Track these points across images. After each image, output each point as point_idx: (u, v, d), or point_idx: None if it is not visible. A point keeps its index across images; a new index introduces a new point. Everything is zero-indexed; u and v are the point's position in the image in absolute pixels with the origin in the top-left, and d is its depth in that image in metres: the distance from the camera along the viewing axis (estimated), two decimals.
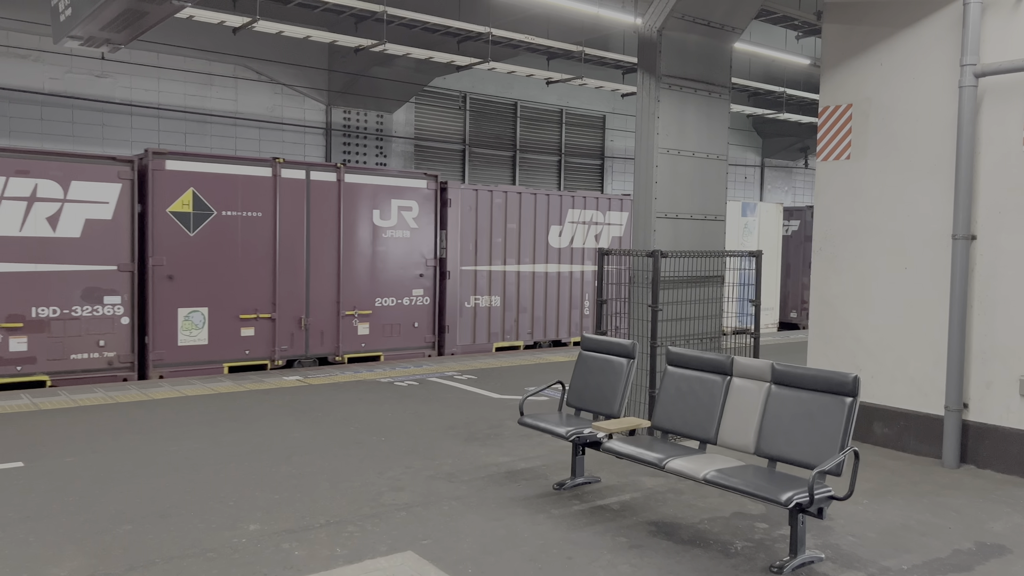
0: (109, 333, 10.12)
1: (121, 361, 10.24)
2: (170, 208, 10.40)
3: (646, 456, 5.10)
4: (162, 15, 5.48)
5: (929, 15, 7.08)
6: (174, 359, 10.56)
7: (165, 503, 5.56)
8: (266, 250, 11.19)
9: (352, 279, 12.04)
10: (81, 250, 9.88)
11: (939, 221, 7.04)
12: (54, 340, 9.76)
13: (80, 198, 9.82)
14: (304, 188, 11.52)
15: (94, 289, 9.98)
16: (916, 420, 7.18)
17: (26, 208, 9.48)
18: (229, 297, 10.92)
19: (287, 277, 11.38)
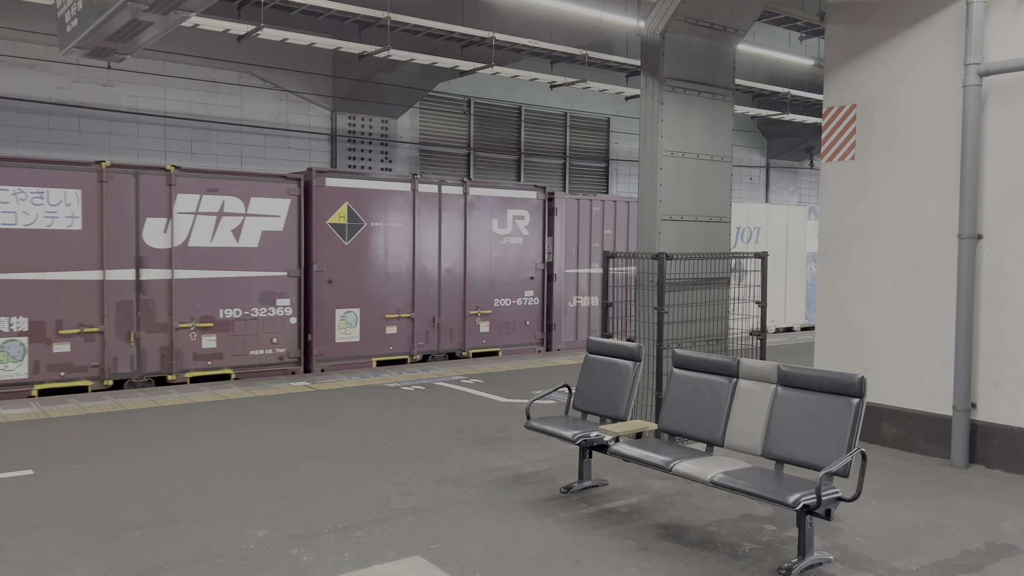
0: (280, 332, 11.37)
1: (290, 356, 11.43)
2: (329, 220, 11.68)
3: (653, 459, 5.10)
4: (167, 25, 5.52)
5: (932, 15, 7.08)
6: (332, 355, 11.78)
7: (174, 509, 5.59)
8: (406, 256, 12.50)
9: (475, 282, 13.35)
10: (258, 258, 11.12)
11: (945, 221, 7.03)
12: (237, 338, 10.97)
13: (258, 212, 11.10)
14: (436, 200, 12.83)
15: (269, 292, 11.21)
16: (924, 420, 7.16)
17: (215, 222, 10.75)
18: (376, 299, 12.21)
19: (423, 280, 12.71)
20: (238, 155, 14.48)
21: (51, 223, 9.62)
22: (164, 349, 10.43)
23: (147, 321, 10.30)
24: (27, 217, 9.47)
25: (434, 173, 16.90)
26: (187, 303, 10.53)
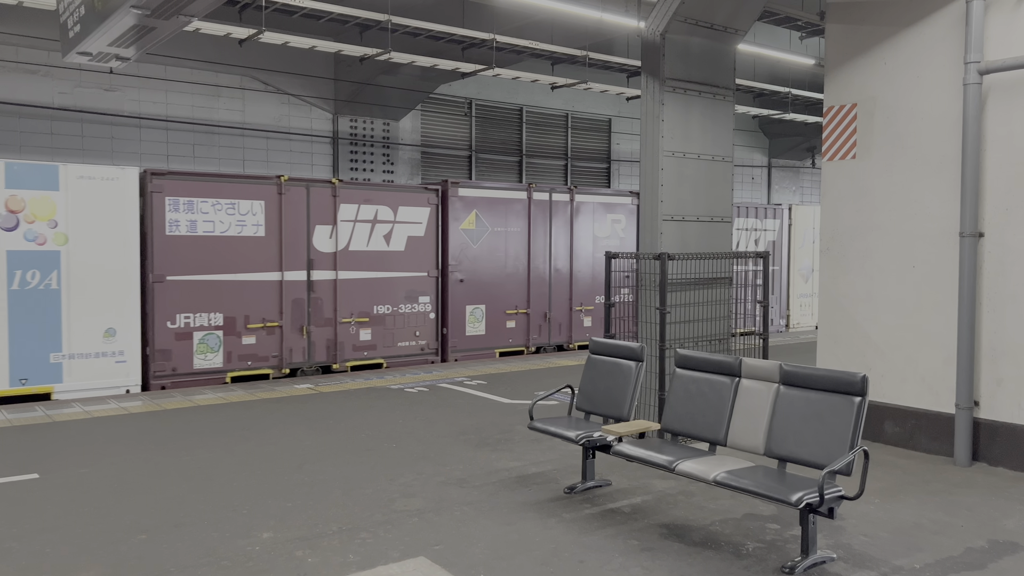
0: (422, 326, 12.77)
1: (429, 348, 12.84)
2: (461, 226, 13.10)
3: (656, 459, 5.11)
4: (169, 30, 5.54)
5: (932, 13, 7.09)
6: (463, 346, 13.18)
7: (179, 512, 5.61)
8: (522, 258, 13.88)
9: (579, 280, 14.59)
10: (404, 260, 12.56)
11: (946, 219, 7.04)
12: (387, 331, 12.38)
13: (404, 219, 12.54)
14: (547, 207, 14.11)
15: (412, 291, 12.62)
16: (927, 419, 7.17)
17: (370, 229, 12.20)
18: (498, 296, 13.57)
19: (536, 279, 14.06)
20: (240, 159, 14.51)
21: (240, 230, 11.04)
22: (329, 341, 11.80)
23: (316, 316, 11.69)
24: (222, 225, 10.87)
25: (437, 175, 16.93)
26: (348, 300, 11.94)
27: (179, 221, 10.51)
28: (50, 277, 9.68)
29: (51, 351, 9.69)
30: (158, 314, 10.36)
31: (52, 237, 9.69)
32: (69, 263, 9.81)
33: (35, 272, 9.60)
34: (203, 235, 10.68)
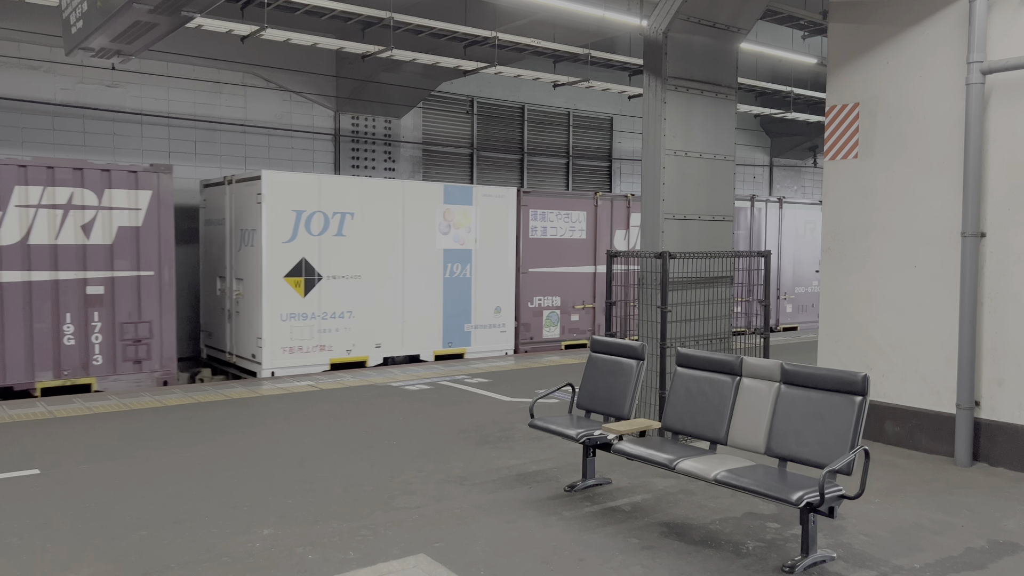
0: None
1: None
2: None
3: (656, 457, 5.11)
4: (172, 26, 5.54)
5: (935, 13, 7.08)
6: None
7: (179, 509, 5.62)
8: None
9: None
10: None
11: (948, 219, 7.03)
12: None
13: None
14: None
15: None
16: (928, 418, 7.16)
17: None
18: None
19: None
20: (242, 156, 14.52)
21: (571, 234, 14.80)
22: None
23: None
24: (560, 231, 14.67)
25: (438, 173, 16.93)
26: None
27: (536, 227, 14.32)
28: (466, 269, 13.35)
29: (465, 323, 13.36)
30: (523, 297, 14.14)
31: (468, 240, 13.34)
32: (476, 259, 13.44)
33: (459, 265, 13.28)
34: (549, 238, 14.43)
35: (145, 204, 10.45)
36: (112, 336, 10.38)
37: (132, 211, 10.36)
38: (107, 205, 10.20)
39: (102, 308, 10.13)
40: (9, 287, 9.56)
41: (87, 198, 10.08)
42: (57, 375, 9.98)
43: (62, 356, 10.03)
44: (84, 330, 10.15)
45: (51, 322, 9.91)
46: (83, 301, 10.06)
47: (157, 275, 10.70)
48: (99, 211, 10.16)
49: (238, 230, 11.99)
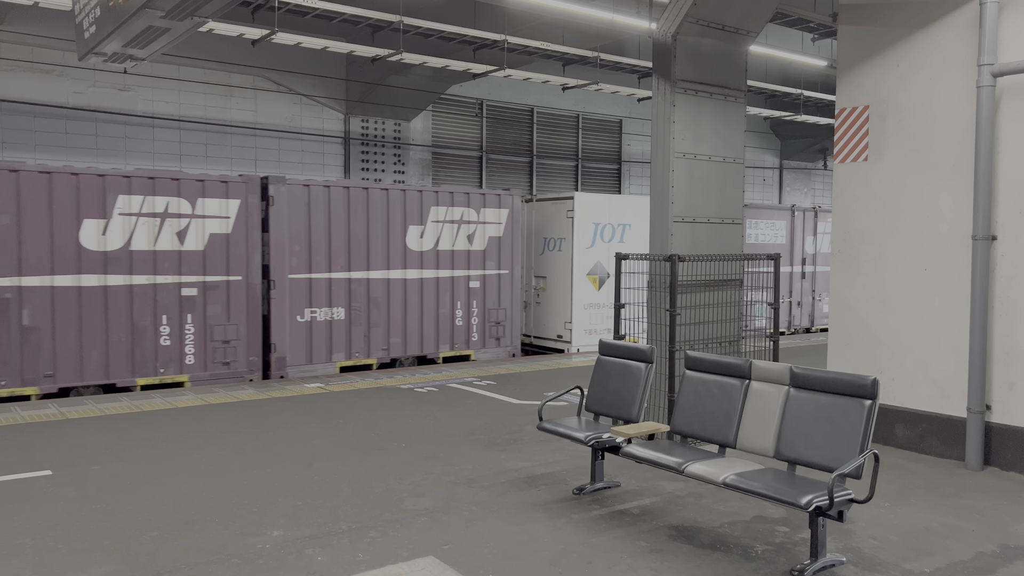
0: None
1: None
2: None
3: (665, 460, 5.11)
4: (183, 31, 5.59)
5: (945, 15, 7.06)
6: None
7: (190, 510, 5.65)
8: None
9: None
10: None
11: (959, 222, 7.00)
12: None
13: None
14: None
15: None
16: (938, 422, 7.13)
17: None
18: None
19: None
20: (252, 159, 14.59)
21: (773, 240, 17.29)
22: None
23: None
24: (766, 237, 17.02)
25: (447, 176, 16.96)
26: None
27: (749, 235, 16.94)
28: None
29: None
30: None
31: None
32: None
33: None
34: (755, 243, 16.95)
35: (234, 212, 11.13)
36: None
37: (222, 219, 11.03)
38: (200, 213, 10.85)
39: (194, 311, 10.84)
40: (113, 290, 10.30)
41: (182, 207, 10.72)
42: (154, 373, 10.63)
43: (159, 354, 10.66)
44: (179, 330, 10.77)
45: (151, 321, 10.61)
46: (179, 303, 10.74)
47: None
48: (192, 219, 10.80)
49: (540, 238, 14.98)
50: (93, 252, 10.12)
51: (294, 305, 11.56)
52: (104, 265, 10.18)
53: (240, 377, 11.17)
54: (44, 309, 9.84)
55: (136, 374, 10.44)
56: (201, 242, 10.81)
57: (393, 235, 12.34)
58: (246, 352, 11.17)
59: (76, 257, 10.00)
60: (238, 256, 11.05)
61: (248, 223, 11.09)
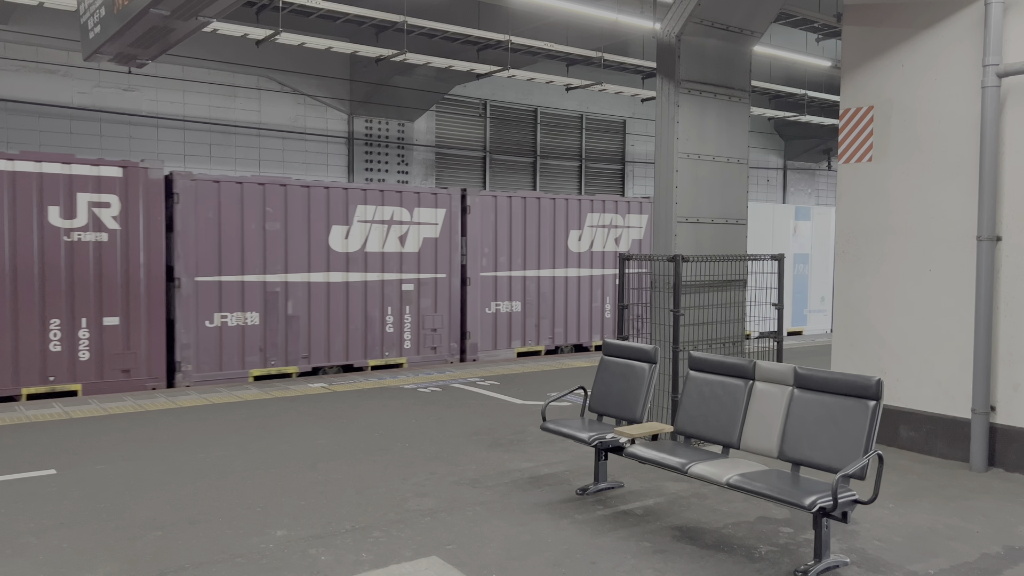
0: None
1: None
2: None
3: (669, 461, 5.11)
4: (188, 31, 5.60)
5: (950, 16, 7.04)
6: None
7: (194, 510, 5.66)
8: None
9: None
10: None
11: (963, 222, 6.99)
12: None
13: None
14: None
15: None
16: (943, 423, 7.12)
17: None
18: None
19: None
20: (256, 159, 14.61)
21: None
22: None
23: None
24: None
25: (450, 176, 16.97)
26: None
27: None
28: (804, 267, 17.52)
29: (804, 308, 17.72)
30: None
31: (805, 245, 17.77)
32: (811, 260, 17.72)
33: (801, 265, 17.47)
34: None
35: (441, 219, 12.93)
36: None
37: (432, 225, 12.78)
38: (416, 220, 12.63)
39: (411, 303, 12.67)
40: (352, 286, 12.10)
41: (403, 215, 12.52)
42: (380, 355, 12.47)
43: (384, 340, 12.45)
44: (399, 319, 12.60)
45: (379, 312, 12.43)
46: (400, 297, 12.54)
47: None
48: (411, 225, 12.60)
49: None
50: (338, 253, 11.92)
51: (483, 299, 13.40)
52: (346, 264, 12.00)
53: (444, 360, 12.97)
54: (302, 302, 11.63)
55: (367, 356, 12.31)
56: (417, 245, 12.62)
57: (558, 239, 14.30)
58: (448, 339, 13.02)
59: (326, 258, 11.80)
60: (443, 257, 12.84)
61: (451, 228, 12.88)
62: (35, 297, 9.76)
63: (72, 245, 9.93)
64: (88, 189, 10.00)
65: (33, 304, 9.74)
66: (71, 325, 9.96)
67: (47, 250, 9.79)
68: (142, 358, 10.44)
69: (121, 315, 10.29)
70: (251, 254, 11.14)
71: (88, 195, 9.99)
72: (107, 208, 10.13)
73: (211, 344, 10.91)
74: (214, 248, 10.86)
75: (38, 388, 9.82)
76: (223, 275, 10.99)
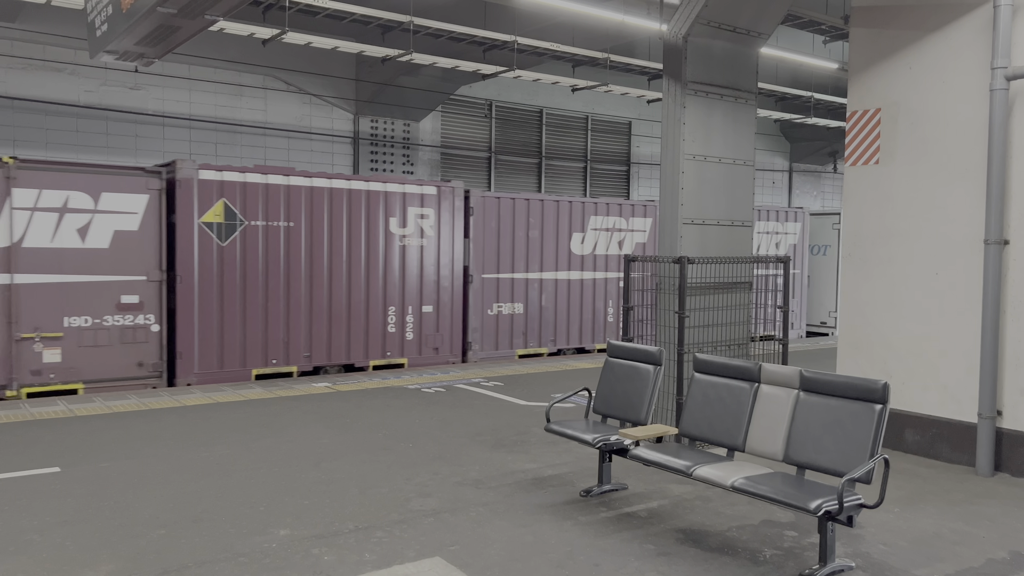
0: None
1: None
2: None
3: (674, 463, 5.09)
4: (195, 30, 5.60)
5: (959, 18, 7.01)
6: None
7: (197, 508, 5.66)
8: None
9: None
10: None
11: (970, 226, 6.95)
12: None
13: None
14: None
15: None
16: (949, 427, 7.08)
17: None
18: None
19: None
20: (262, 157, 14.63)
21: None
22: None
23: None
24: None
25: (455, 176, 16.97)
26: None
27: None
28: None
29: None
30: None
31: None
32: None
33: None
34: None
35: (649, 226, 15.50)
36: None
37: (640, 232, 15.37)
38: (630, 228, 15.23)
39: (615, 298, 15.08)
40: (585, 283, 14.70)
41: (620, 224, 15.08)
42: (592, 342, 14.94)
43: (604, 328, 15.07)
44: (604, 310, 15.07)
45: (602, 305, 15.02)
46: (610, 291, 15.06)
47: None
48: (626, 232, 15.16)
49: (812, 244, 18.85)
50: (576, 256, 14.56)
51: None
52: (581, 265, 14.59)
53: None
54: (551, 295, 14.24)
55: (583, 341, 14.73)
56: (629, 248, 15.15)
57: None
58: None
59: (567, 259, 14.45)
60: None
61: None
62: (379, 289, 12.27)
63: (404, 248, 12.46)
64: (415, 204, 12.55)
65: (379, 295, 12.26)
66: (401, 311, 12.50)
67: (388, 252, 12.30)
68: (446, 339, 13.02)
69: (433, 304, 12.82)
70: (518, 256, 13.85)
71: (415, 209, 12.56)
72: (427, 219, 12.71)
73: (490, 328, 13.65)
74: (494, 251, 13.58)
75: (378, 361, 12.37)
76: (500, 273, 13.70)
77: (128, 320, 10.31)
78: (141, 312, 10.35)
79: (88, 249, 10.03)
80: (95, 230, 10.05)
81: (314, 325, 11.62)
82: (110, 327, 10.18)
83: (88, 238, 10.01)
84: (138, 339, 10.37)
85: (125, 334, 10.29)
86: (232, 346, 10.99)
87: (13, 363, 9.65)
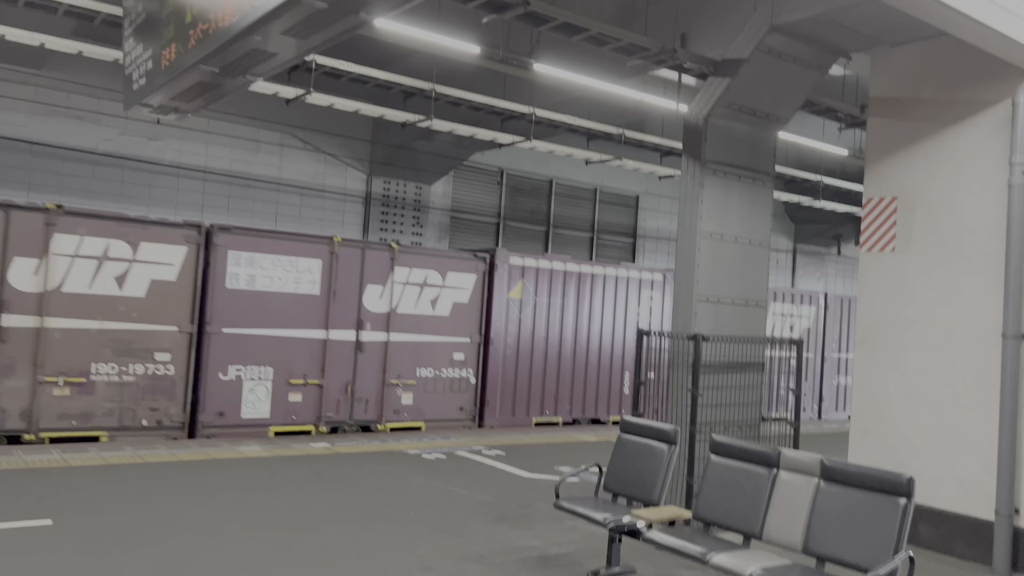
0: None
1: None
2: None
3: (689, 549, 4.94)
4: (234, 87, 5.68)
5: (976, 113, 7.13)
6: None
7: (190, 569, 5.47)
8: None
9: None
10: None
11: (987, 318, 6.93)
12: None
13: None
14: None
15: None
16: (964, 523, 6.93)
17: None
18: None
19: None
20: (273, 213, 14.70)
21: None
22: None
23: None
24: None
25: (464, 240, 17.05)
26: None
27: None
28: None
29: None
30: None
31: None
32: None
33: None
34: None
35: None
36: None
37: None
38: None
39: None
40: None
41: None
42: None
43: None
44: None
45: None
46: None
47: None
48: None
49: None
50: None
51: None
52: None
53: None
54: None
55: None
56: None
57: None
58: None
59: None
60: None
61: None
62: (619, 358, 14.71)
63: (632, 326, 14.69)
64: (644, 288, 15.08)
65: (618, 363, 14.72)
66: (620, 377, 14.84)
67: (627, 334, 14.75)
68: None
69: None
70: None
71: (646, 292, 15.10)
72: (650, 301, 15.15)
73: None
74: None
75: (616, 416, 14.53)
76: None
77: (455, 373, 13.00)
78: (465, 367, 13.03)
79: (435, 316, 12.83)
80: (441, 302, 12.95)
81: (575, 384, 14.15)
82: (447, 378, 12.88)
83: (437, 307, 12.89)
84: (461, 388, 13.04)
85: (453, 384, 12.98)
86: (521, 398, 13.48)
87: None
